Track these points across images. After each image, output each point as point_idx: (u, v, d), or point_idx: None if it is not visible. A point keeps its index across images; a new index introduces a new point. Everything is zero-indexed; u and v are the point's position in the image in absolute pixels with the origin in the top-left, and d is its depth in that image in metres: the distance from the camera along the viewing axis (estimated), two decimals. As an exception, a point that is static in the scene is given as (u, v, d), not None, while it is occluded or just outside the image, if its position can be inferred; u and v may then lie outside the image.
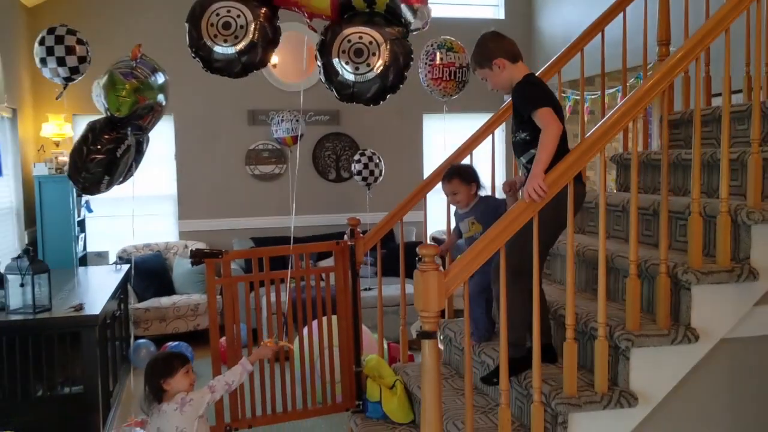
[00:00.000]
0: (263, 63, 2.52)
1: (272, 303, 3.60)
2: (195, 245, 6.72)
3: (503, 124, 3.87)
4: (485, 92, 6.58)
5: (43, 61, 3.82)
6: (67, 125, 6.28)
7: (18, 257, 4.09)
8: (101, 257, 6.57)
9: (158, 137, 3.06)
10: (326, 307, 3.62)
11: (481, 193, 3.21)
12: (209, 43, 2.46)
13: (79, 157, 2.64)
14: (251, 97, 7.09)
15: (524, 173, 2.72)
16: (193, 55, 2.55)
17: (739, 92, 3.30)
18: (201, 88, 6.63)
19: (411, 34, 2.56)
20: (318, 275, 3.69)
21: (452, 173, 3.17)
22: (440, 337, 3.59)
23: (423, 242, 2.68)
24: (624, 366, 2.46)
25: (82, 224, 6.42)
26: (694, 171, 2.47)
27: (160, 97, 2.79)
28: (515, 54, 2.69)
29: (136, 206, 6.05)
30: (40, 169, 5.89)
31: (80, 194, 6.15)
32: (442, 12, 7.60)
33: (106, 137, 2.68)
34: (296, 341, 4.13)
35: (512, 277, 2.40)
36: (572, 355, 2.40)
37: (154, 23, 6.67)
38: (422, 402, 2.26)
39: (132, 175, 3.00)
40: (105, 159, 2.66)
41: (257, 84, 6.77)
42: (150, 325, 6.09)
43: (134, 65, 2.71)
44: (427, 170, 6.87)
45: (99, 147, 2.65)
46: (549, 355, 2.72)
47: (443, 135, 5.86)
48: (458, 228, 3.27)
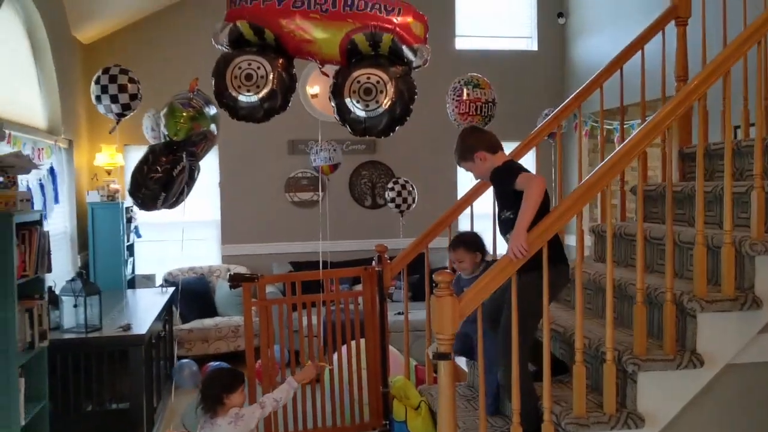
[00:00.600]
0: (283, 108, 2.74)
1: (305, 326, 3.80)
2: (236, 269, 6.99)
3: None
4: (512, 122, 6.69)
5: (98, 99, 4.13)
6: (119, 155, 6.65)
7: (72, 280, 4.38)
8: (148, 280, 6.87)
9: (204, 167, 3.26)
10: (355, 330, 3.81)
11: (488, 258, 3.34)
12: (234, 94, 2.68)
13: (140, 175, 2.90)
14: (291, 128, 7.33)
15: None
16: (220, 105, 2.79)
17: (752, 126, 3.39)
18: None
19: (427, 72, 2.70)
20: (347, 299, 3.89)
21: (457, 243, 3.34)
22: (466, 360, 3.74)
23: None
24: (632, 389, 2.59)
25: (131, 248, 6.72)
26: (698, 204, 2.61)
27: (213, 127, 3.04)
28: (495, 145, 2.90)
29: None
30: (93, 197, 6.21)
31: (129, 219, 6.48)
32: (477, 44, 7.77)
33: (164, 159, 2.93)
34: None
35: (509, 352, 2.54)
36: (581, 378, 2.54)
37: (202, 61, 6.91)
38: (438, 418, 2.43)
39: (184, 200, 3.24)
40: (162, 177, 2.90)
41: (297, 115, 6.99)
42: (193, 346, 6.31)
43: (191, 97, 2.96)
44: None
45: (158, 167, 2.90)
46: (560, 368, 2.96)
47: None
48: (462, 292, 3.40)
